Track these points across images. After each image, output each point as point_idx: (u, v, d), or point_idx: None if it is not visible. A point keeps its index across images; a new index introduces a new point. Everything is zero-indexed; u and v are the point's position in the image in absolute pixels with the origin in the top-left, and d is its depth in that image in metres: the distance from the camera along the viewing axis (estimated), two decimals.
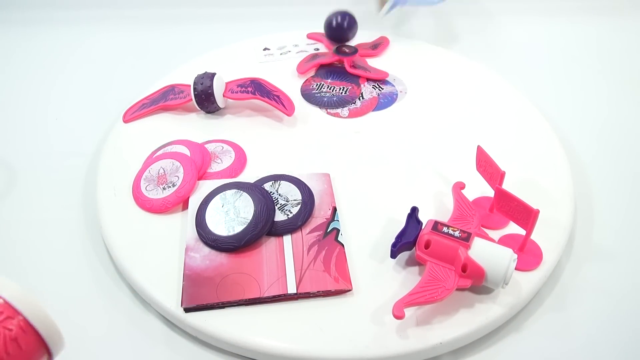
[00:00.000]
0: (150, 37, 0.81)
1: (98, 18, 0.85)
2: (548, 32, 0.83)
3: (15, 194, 0.56)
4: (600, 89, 0.71)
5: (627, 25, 0.84)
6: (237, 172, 0.54)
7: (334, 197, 0.50)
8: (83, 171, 0.58)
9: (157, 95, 0.63)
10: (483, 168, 0.48)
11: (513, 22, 0.85)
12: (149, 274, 0.44)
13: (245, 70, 0.66)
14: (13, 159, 0.60)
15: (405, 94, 0.65)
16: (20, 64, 0.76)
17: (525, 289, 0.43)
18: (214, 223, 0.47)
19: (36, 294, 0.46)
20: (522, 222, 0.44)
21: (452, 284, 0.40)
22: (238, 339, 0.40)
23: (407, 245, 0.43)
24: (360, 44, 0.72)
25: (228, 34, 0.81)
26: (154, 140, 0.57)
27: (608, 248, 0.50)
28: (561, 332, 0.43)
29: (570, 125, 0.64)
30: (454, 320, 0.41)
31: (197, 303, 0.42)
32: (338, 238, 0.46)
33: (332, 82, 0.66)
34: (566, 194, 0.51)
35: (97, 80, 0.73)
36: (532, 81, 0.72)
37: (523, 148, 0.56)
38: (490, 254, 0.41)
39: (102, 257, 0.49)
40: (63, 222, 0.52)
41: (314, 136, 0.59)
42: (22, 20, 0.84)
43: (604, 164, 0.59)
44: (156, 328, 0.44)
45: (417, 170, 0.54)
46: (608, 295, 0.46)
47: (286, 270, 0.44)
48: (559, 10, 0.87)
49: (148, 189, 0.51)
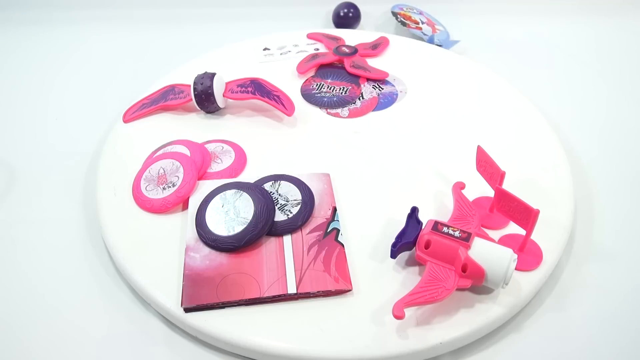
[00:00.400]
0: (150, 37, 0.82)
1: (98, 18, 0.85)
2: (548, 32, 0.83)
3: (15, 194, 0.56)
4: (600, 89, 0.71)
5: (627, 25, 0.85)
6: (237, 172, 0.54)
7: (334, 197, 0.50)
8: (83, 171, 0.58)
9: (157, 95, 0.63)
10: (483, 168, 0.48)
11: (513, 22, 0.85)
12: (149, 274, 0.44)
13: (245, 70, 0.66)
14: (13, 159, 0.60)
15: (405, 94, 0.65)
16: (20, 64, 0.76)
17: (525, 289, 0.43)
18: (214, 223, 0.47)
19: (36, 294, 0.46)
20: (522, 222, 0.44)
21: (452, 284, 0.40)
22: (238, 339, 0.40)
23: (407, 245, 0.43)
24: (360, 44, 0.72)
25: (228, 34, 0.81)
26: (154, 140, 0.57)
27: (608, 248, 0.50)
28: (561, 332, 0.43)
29: (570, 125, 0.64)
30: (454, 320, 0.41)
31: (197, 303, 0.42)
32: (338, 238, 0.46)
33: (332, 82, 0.66)
34: (566, 194, 0.51)
35: (97, 80, 0.73)
36: (532, 81, 0.72)
37: (523, 148, 0.56)
38: (490, 254, 0.41)
39: (102, 257, 0.49)
40: (63, 222, 0.52)
41: (314, 136, 0.59)
42: (22, 20, 0.84)
43: (604, 164, 0.59)
44: (156, 328, 0.44)
45: (417, 170, 0.54)
46: (608, 295, 0.46)
47: (286, 270, 0.44)
48: (559, 10, 0.87)
49: (148, 189, 0.51)
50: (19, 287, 0.47)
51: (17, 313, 0.45)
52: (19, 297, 0.46)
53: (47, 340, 0.43)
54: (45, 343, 0.43)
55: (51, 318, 0.44)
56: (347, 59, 0.68)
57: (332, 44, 0.71)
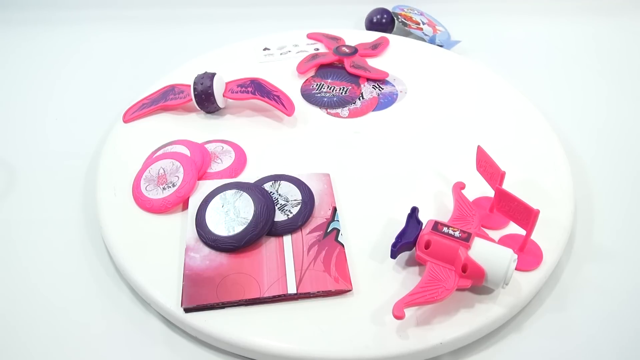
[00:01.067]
0: (150, 37, 0.82)
1: (98, 18, 0.85)
2: (548, 32, 0.83)
3: (15, 194, 0.56)
4: (600, 88, 0.71)
5: (627, 25, 0.85)
6: (237, 172, 0.54)
7: (334, 197, 0.50)
8: (83, 171, 0.58)
9: (157, 95, 0.63)
10: (483, 168, 0.48)
11: (513, 22, 0.85)
12: (149, 274, 0.44)
13: (245, 70, 0.66)
14: (13, 159, 0.60)
15: (405, 94, 0.65)
16: (20, 64, 0.76)
17: (525, 289, 0.43)
18: (214, 223, 0.47)
19: (36, 293, 0.46)
20: (522, 222, 0.44)
21: (452, 284, 0.40)
22: (238, 339, 0.40)
23: (407, 245, 0.43)
24: (360, 44, 0.72)
25: (228, 34, 0.81)
26: (154, 140, 0.57)
27: (608, 248, 0.50)
28: (561, 332, 0.43)
29: (570, 125, 0.64)
30: (454, 320, 0.41)
31: (197, 303, 0.42)
32: (338, 238, 0.46)
33: (332, 82, 0.66)
34: (566, 194, 0.51)
35: (97, 81, 0.73)
36: (532, 81, 0.72)
37: (523, 148, 0.56)
38: (491, 254, 0.41)
39: (102, 257, 0.49)
40: (63, 222, 0.52)
41: (314, 136, 0.59)
42: (22, 20, 0.85)
43: (604, 164, 0.59)
44: (156, 328, 0.44)
45: (417, 170, 0.54)
46: (608, 295, 0.46)
47: (286, 271, 0.44)
48: (559, 10, 0.87)
49: (148, 189, 0.51)
50: (19, 287, 0.47)
51: (16, 313, 0.45)
52: (18, 297, 0.46)
53: (47, 340, 0.43)
54: (45, 343, 0.43)
55: (51, 318, 0.44)
56: (347, 59, 0.68)
57: (332, 44, 0.72)
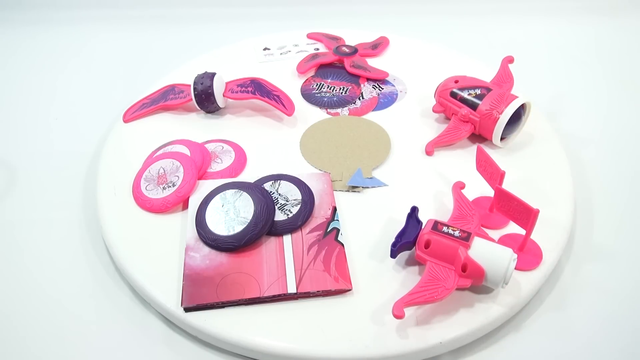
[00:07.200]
0: (150, 37, 0.82)
1: (99, 18, 0.85)
2: (547, 31, 0.83)
3: (16, 194, 0.56)
4: (600, 88, 0.71)
5: (627, 25, 0.85)
6: (237, 172, 0.54)
7: (334, 197, 0.50)
8: (83, 171, 0.58)
9: (157, 95, 0.63)
10: (483, 168, 0.48)
11: (513, 22, 0.85)
12: (149, 274, 0.45)
13: (245, 70, 0.66)
14: (13, 159, 0.60)
15: (405, 94, 0.65)
16: (21, 64, 0.76)
17: (525, 289, 0.43)
18: (214, 223, 0.47)
19: (36, 293, 0.46)
20: (522, 222, 0.44)
21: (452, 283, 0.40)
22: (238, 339, 0.40)
23: (407, 245, 0.43)
24: (360, 43, 0.72)
25: (228, 34, 0.81)
26: (154, 140, 0.57)
27: (608, 248, 0.50)
28: (561, 332, 0.43)
29: (570, 125, 0.64)
30: (454, 320, 0.41)
31: (197, 303, 0.42)
32: (338, 238, 0.46)
33: (332, 82, 0.66)
34: (566, 194, 0.51)
35: (98, 80, 0.73)
36: (532, 81, 0.72)
37: (523, 148, 0.56)
38: (490, 253, 0.41)
39: (102, 257, 0.49)
40: (63, 221, 0.52)
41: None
42: (22, 20, 0.85)
43: (604, 164, 0.59)
44: (156, 328, 0.44)
45: (417, 170, 0.54)
46: (608, 295, 0.46)
47: (286, 270, 0.44)
48: (559, 10, 0.87)
49: (148, 189, 0.51)
50: (19, 286, 0.47)
51: (17, 312, 0.45)
52: (18, 296, 0.46)
53: (47, 339, 0.43)
54: (45, 342, 0.43)
55: (51, 317, 0.44)
56: (347, 59, 0.68)
57: (332, 43, 0.72)
